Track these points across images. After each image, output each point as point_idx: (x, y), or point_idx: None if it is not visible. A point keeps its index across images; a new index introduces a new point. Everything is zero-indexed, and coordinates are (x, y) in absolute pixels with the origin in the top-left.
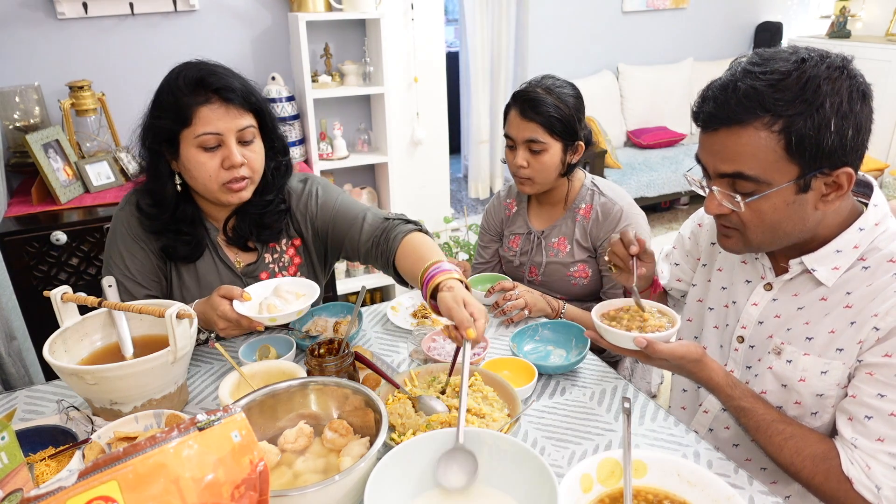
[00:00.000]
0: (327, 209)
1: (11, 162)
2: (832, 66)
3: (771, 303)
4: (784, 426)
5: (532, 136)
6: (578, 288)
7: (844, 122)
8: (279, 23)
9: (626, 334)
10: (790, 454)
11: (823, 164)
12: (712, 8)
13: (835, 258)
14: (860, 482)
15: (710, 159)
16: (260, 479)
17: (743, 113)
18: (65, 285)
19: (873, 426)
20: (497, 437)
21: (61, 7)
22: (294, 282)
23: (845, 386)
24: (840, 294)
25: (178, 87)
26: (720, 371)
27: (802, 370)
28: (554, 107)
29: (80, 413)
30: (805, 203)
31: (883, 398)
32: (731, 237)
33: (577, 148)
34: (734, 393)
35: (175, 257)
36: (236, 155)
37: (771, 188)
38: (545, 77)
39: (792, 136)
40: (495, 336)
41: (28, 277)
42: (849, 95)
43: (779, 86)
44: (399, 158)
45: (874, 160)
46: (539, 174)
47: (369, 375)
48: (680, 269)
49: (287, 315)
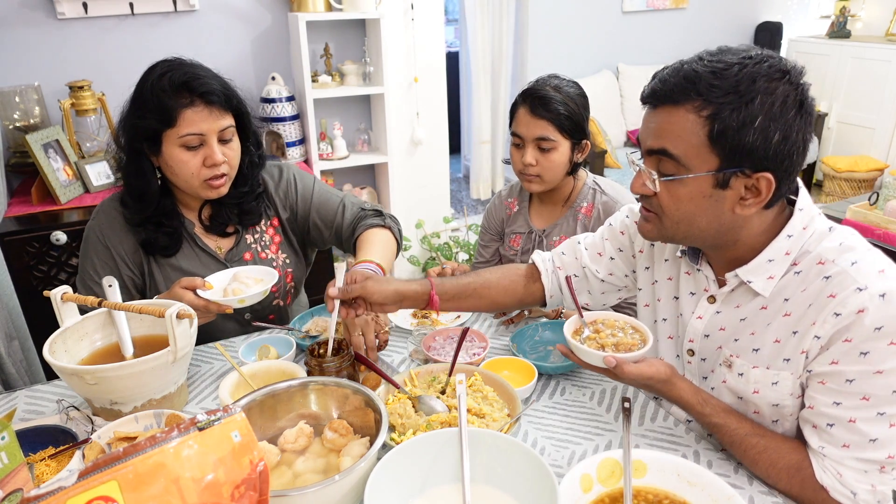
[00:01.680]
0: (307, 196)
1: (11, 162)
2: (774, 68)
3: (715, 315)
4: (757, 440)
5: (542, 134)
6: None
7: (772, 125)
8: (279, 23)
9: (596, 353)
10: (765, 467)
11: (744, 163)
12: (712, 8)
13: (768, 267)
14: (835, 489)
15: (643, 135)
16: (260, 479)
17: (679, 93)
18: (65, 285)
19: (837, 433)
20: (497, 437)
21: (61, 7)
22: (251, 269)
23: (800, 396)
24: (778, 302)
25: (162, 89)
26: (690, 389)
27: (755, 382)
28: (563, 104)
29: (80, 413)
30: (722, 200)
31: (839, 406)
32: (649, 221)
33: (584, 146)
34: (705, 410)
35: (155, 250)
36: (217, 154)
37: (689, 173)
38: (551, 76)
39: (716, 124)
40: (495, 336)
41: (28, 277)
42: (783, 100)
43: (719, 74)
44: (399, 158)
45: (874, 160)
46: (547, 172)
47: (369, 375)
48: (614, 264)
49: (253, 296)
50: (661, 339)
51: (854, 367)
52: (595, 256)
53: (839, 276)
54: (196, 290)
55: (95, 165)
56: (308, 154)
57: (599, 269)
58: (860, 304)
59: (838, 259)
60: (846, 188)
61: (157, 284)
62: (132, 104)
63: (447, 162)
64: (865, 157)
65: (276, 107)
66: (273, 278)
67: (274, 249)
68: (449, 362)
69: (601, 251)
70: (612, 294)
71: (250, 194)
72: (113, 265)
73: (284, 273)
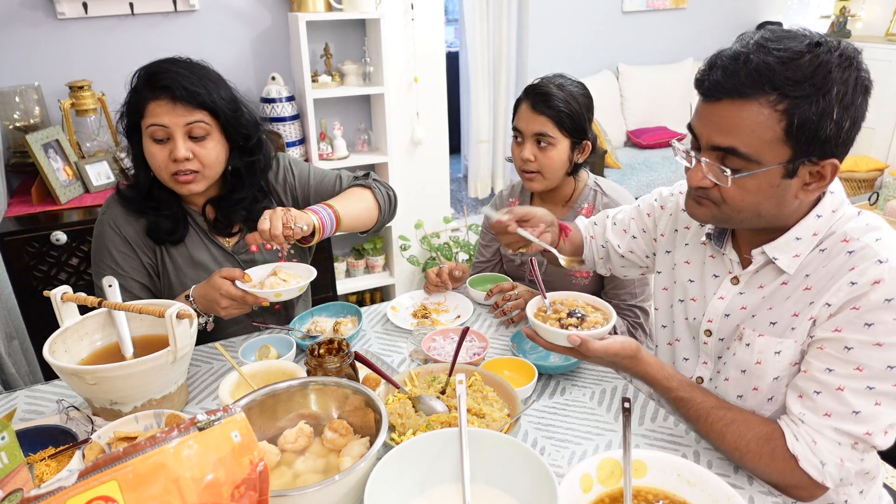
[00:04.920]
0: (304, 178)
1: (11, 162)
2: (844, 55)
3: (737, 296)
4: (724, 412)
5: (541, 130)
6: (580, 288)
7: (845, 114)
8: (279, 23)
9: (560, 332)
10: (733, 439)
11: (815, 152)
12: (712, 8)
13: (795, 245)
14: (805, 458)
15: (705, 129)
16: (260, 479)
17: (750, 86)
18: (65, 285)
19: (821, 401)
20: (497, 437)
21: (61, 7)
22: (292, 266)
23: (797, 363)
24: (799, 278)
25: (136, 83)
26: (656, 365)
27: (759, 352)
28: (565, 102)
29: (80, 413)
30: (788, 188)
31: (831, 372)
32: (705, 206)
33: (584, 147)
34: (671, 385)
35: (161, 236)
36: (180, 149)
37: (760, 168)
38: (557, 75)
39: (794, 118)
40: (495, 336)
41: (28, 277)
42: (854, 87)
43: (791, 64)
44: (399, 158)
45: (874, 160)
46: (546, 169)
47: (369, 375)
48: (636, 242)
49: (290, 290)
50: (677, 321)
51: (855, 335)
52: (620, 232)
53: (862, 251)
54: (235, 281)
55: (95, 165)
56: (308, 154)
57: (621, 244)
58: (878, 275)
59: (863, 237)
60: (846, 188)
61: (169, 273)
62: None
63: (447, 162)
64: (865, 157)
65: (276, 107)
66: (312, 275)
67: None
68: (449, 362)
69: (626, 228)
70: (634, 269)
71: (254, 200)
72: (131, 252)
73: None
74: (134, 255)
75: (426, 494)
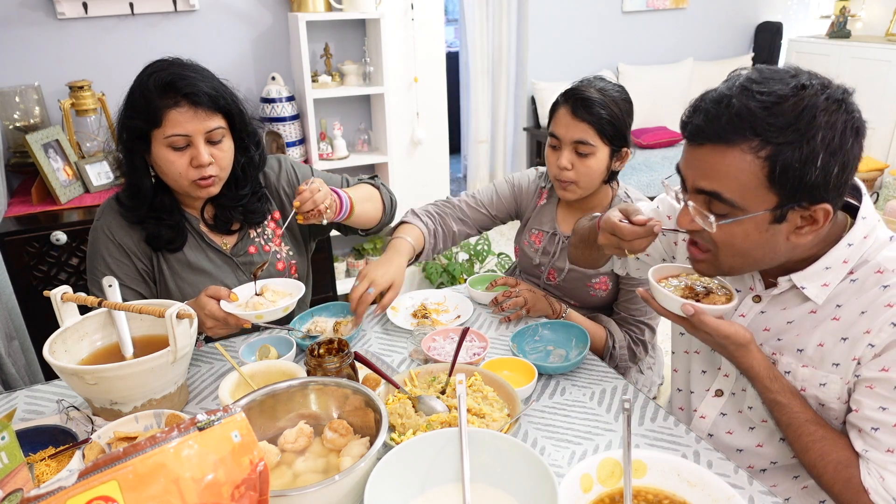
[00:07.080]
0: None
1: (11, 162)
2: (831, 98)
3: (759, 315)
4: (815, 427)
5: (581, 138)
6: (596, 299)
7: (832, 159)
8: (279, 23)
9: (676, 299)
10: (815, 456)
11: (803, 198)
12: (712, 8)
13: (824, 275)
14: (876, 492)
15: (690, 173)
16: (260, 479)
17: (732, 132)
18: (65, 285)
19: (882, 437)
20: (497, 437)
21: (61, 7)
22: (281, 282)
23: (846, 401)
24: (830, 307)
25: (148, 90)
26: (764, 362)
27: (802, 380)
28: (606, 108)
29: (80, 413)
30: (778, 233)
31: (885, 411)
32: (703, 261)
33: (624, 155)
34: (773, 386)
35: (161, 245)
36: (204, 155)
37: (746, 214)
38: (597, 78)
39: (777, 164)
40: (495, 336)
41: (28, 277)
42: (842, 131)
43: (774, 109)
44: (399, 158)
45: (874, 160)
46: (583, 178)
47: (369, 375)
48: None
49: (273, 312)
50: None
51: None
52: None
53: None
54: (220, 301)
55: (95, 165)
56: (308, 154)
57: None
58: None
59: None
60: None
61: (166, 279)
62: (125, 104)
63: (447, 162)
64: (865, 157)
65: (276, 107)
66: (300, 292)
67: (277, 242)
68: (449, 362)
69: None
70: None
71: (252, 196)
72: (126, 259)
73: (289, 265)
74: (129, 261)
75: (426, 494)
